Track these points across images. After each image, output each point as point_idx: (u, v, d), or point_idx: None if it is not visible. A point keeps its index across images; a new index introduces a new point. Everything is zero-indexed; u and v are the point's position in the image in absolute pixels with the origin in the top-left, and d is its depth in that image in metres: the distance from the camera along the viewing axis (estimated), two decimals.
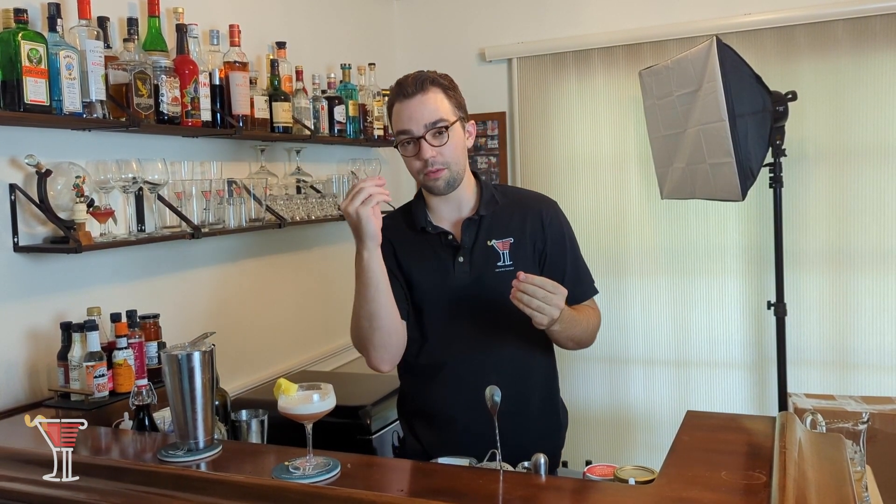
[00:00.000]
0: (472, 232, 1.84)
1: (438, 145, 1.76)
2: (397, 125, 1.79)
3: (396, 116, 1.79)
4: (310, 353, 3.22)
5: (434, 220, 1.88)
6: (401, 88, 1.78)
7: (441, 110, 1.76)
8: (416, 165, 1.79)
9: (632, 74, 3.48)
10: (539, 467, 1.41)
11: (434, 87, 1.78)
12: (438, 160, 1.76)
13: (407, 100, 1.76)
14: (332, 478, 1.36)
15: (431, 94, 1.76)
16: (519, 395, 1.80)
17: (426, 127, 1.75)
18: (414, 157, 1.78)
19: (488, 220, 1.85)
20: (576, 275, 1.89)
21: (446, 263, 1.84)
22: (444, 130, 1.76)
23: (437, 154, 1.76)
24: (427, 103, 1.75)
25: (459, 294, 1.82)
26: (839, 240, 3.32)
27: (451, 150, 1.78)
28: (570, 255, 1.89)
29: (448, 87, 1.81)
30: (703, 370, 3.59)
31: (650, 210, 3.61)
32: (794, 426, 1.44)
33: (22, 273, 2.06)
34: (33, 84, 1.86)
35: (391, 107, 1.82)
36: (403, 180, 4.01)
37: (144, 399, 1.75)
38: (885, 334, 3.28)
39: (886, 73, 3.20)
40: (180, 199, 2.41)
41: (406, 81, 1.79)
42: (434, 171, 1.77)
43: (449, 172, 1.79)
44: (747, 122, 2.83)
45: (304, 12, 3.26)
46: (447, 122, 1.76)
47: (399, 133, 1.78)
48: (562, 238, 1.89)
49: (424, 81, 1.77)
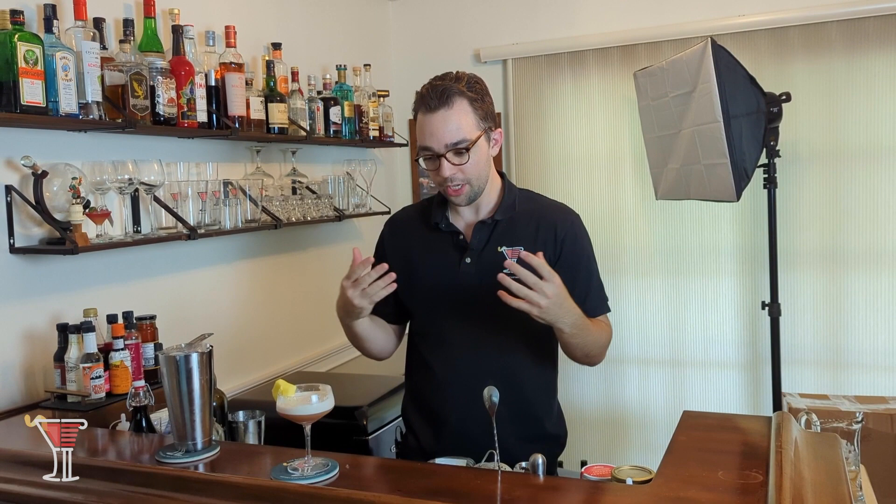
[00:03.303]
0: (483, 235, 1.83)
1: (459, 164, 1.74)
2: (419, 138, 1.76)
3: (419, 128, 1.76)
4: (306, 353, 3.22)
5: (451, 219, 1.88)
6: (424, 101, 1.73)
7: (464, 129, 1.72)
8: (437, 179, 1.78)
9: (626, 75, 3.49)
10: (537, 467, 1.41)
11: (460, 99, 1.72)
12: (459, 177, 1.75)
13: (430, 114, 1.72)
14: (331, 478, 1.36)
15: (456, 109, 1.71)
16: (513, 401, 1.77)
17: (447, 147, 1.72)
18: (435, 172, 1.77)
19: (503, 225, 1.84)
20: (586, 290, 1.84)
21: (453, 263, 1.84)
22: (465, 152, 1.73)
23: (458, 171, 1.74)
24: (450, 121, 1.71)
25: (462, 295, 1.82)
26: (833, 240, 3.34)
27: (473, 167, 1.75)
28: (582, 271, 1.85)
29: (475, 98, 1.75)
30: (697, 370, 3.60)
31: (645, 211, 3.62)
32: (789, 426, 1.45)
33: (18, 274, 2.06)
34: (29, 85, 1.85)
35: (415, 115, 1.78)
36: (399, 181, 4.02)
37: (142, 400, 1.75)
38: (879, 334, 3.30)
39: (879, 74, 3.22)
40: (176, 201, 2.40)
41: (430, 93, 1.73)
42: (456, 188, 1.76)
43: (470, 188, 1.77)
44: (742, 123, 2.84)
45: (299, 13, 3.26)
46: (469, 142, 1.73)
47: (420, 148, 1.76)
48: (575, 251, 1.85)
49: (451, 95, 1.71)
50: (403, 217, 1.97)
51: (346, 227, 3.48)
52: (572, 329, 1.68)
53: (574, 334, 1.70)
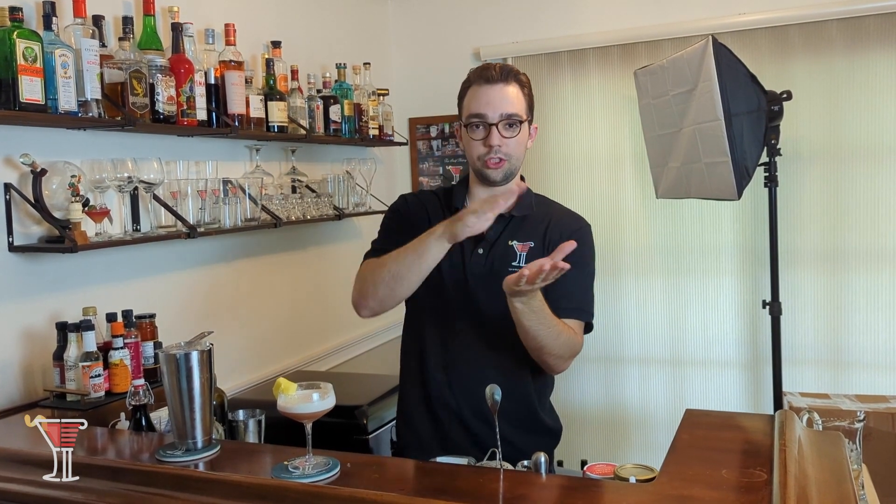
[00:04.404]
0: (498, 227, 1.84)
1: (509, 137, 1.80)
2: (472, 107, 1.81)
3: (472, 98, 1.82)
4: (306, 352, 3.22)
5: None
6: (484, 72, 1.82)
7: (517, 105, 1.81)
8: (480, 150, 1.81)
9: (627, 74, 3.48)
10: (539, 466, 1.41)
11: (516, 82, 1.82)
12: (503, 150, 1.80)
13: (489, 85, 1.79)
14: (332, 477, 1.36)
15: (513, 87, 1.81)
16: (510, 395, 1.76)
17: (502, 116, 1.79)
18: (480, 142, 1.80)
19: (518, 221, 1.87)
20: (569, 288, 1.79)
21: (466, 251, 1.85)
22: (518, 125, 1.81)
23: (504, 144, 1.80)
24: (508, 94, 1.80)
25: (470, 283, 1.84)
26: (834, 238, 3.33)
27: (516, 145, 1.82)
28: (572, 270, 1.73)
29: (526, 86, 1.86)
30: (698, 369, 3.60)
31: (645, 209, 3.61)
32: (793, 424, 1.44)
33: (17, 273, 2.05)
34: (28, 83, 1.84)
35: (466, 88, 1.85)
36: (398, 180, 4.02)
37: (141, 399, 1.74)
38: (879, 333, 3.30)
39: (880, 72, 3.21)
40: (176, 199, 2.40)
41: (491, 67, 1.83)
42: (496, 162, 1.81)
43: (509, 165, 1.82)
44: (743, 122, 2.83)
45: (299, 12, 3.25)
46: (521, 118, 1.81)
47: (471, 115, 1.81)
48: (575, 254, 1.77)
49: (510, 74, 1.82)
50: (421, 195, 1.99)
51: (345, 225, 3.47)
52: (524, 306, 1.64)
53: (524, 312, 1.65)
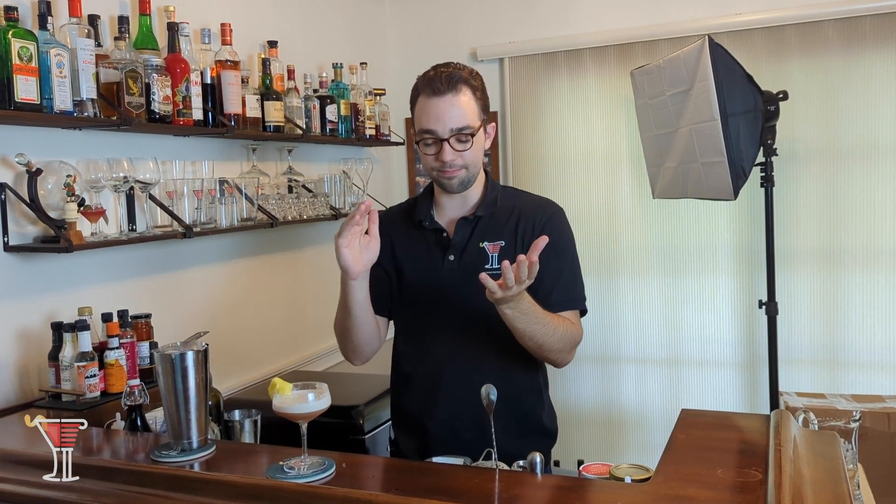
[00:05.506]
0: (465, 231, 1.82)
1: (461, 150, 1.73)
2: (421, 122, 1.74)
3: (422, 112, 1.74)
4: (302, 353, 3.21)
5: (437, 216, 1.87)
6: (431, 84, 1.72)
7: (468, 116, 1.72)
8: (434, 164, 1.76)
9: (623, 74, 3.48)
10: (535, 466, 1.41)
11: (466, 87, 1.72)
12: (458, 162, 1.74)
13: (436, 97, 1.70)
14: (328, 477, 1.36)
15: (462, 95, 1.71)
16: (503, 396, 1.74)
17: (452, 131, 1.71)
18: (433, 157, 1.75)
19: (485, 221, 1.83)
20: (556, 280, 1.78)
21: (437, 260, 1.83)
22: (470, 137, 1.73)
23: (458, 157, 1.73)
24: (456, 106, 1.70)
25: (446, 292, 1.81)
26: (830, 239, 3.34)
27: (472, 154, 1.75)
28: (555, 261, 1.78)
29: (477, 88, 1.76)
30: (694, 369, 3.60)
31: (642, 209, 3.61)
32: (788, 424, 1.45)
33: (12, 273, 2.05)
34: (24, 82, 1.84)
35: (416, 98, 1.76)
36: (395, 180, 4.01)
37: (137, 399, 1.74)
38: (875, 333, 3.30)
39: (876, 72, 3.22)
40: (172, 199, 2.39)
41: (437, 77, 1.72)
42: (451, 171, 1.74)
43: (466, 172, 1.76)
44: (739, 122, 2.84)
45: (295, 11, 3.25)
46: (473, 129, 1.73)
47: (422, 131, 1.74)
48: (553, 243, 1.73)
49: (458, 81, 1.71)
50: (387, 216, 1.92)
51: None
52: (513, 311, 1.61)
53: (515, 317, 1.63)
